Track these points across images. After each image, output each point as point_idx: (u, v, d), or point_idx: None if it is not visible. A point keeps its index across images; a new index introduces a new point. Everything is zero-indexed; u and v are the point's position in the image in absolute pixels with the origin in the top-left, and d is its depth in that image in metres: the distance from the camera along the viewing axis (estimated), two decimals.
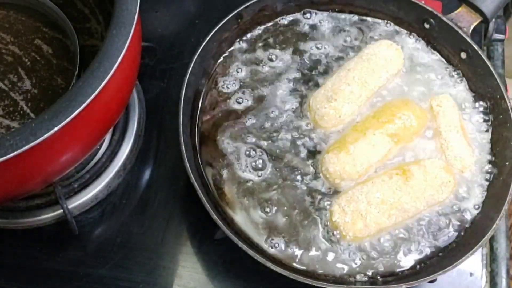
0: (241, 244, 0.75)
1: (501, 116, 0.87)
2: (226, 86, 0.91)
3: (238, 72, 0.92)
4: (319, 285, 0.74)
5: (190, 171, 0.78)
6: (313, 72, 0.92)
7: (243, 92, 0.90)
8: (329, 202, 0.82)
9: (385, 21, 0.97)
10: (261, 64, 0.93)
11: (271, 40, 0.95)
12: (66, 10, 0.87)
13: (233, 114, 0.89)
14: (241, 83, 0.91)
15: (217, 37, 0.90)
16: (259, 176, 0.84)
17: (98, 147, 0.87)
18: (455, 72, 0.93)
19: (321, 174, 0.84)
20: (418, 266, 0.80)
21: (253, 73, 0.92)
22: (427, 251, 0.81)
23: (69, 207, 0.83)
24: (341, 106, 0.87)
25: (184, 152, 0.79)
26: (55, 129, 0.60)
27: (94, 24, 0.89)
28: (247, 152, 0.86)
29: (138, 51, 0.77)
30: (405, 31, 0.96)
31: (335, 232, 0.81)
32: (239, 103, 0.90)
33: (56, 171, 0.73)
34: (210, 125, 0.88)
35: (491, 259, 0.90)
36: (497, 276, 0.89)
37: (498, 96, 0.88)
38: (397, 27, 0.96)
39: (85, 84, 0.63)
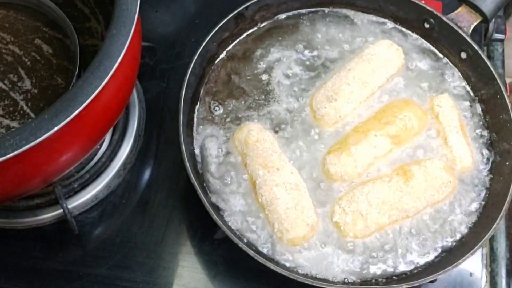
0: (241, 244, 0.75)
1: (501, 116, 0.87)
2: (226, 86, 0.91)
3: (237, 72, 0.92)
4: (319, 285, 0.74)
5: (190, 171, 0.78)
6: (313, 71, 0.92)
7: (243, 92, 0.90)
8: (326, 208, 0.83)
9: (385, 20, 0.97)
10: (261, 64, 0.93)
11: (271, 39, 0.95)
12: (66, 10, 0.87)
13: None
14: (241, 83, 0.91)
15: (217, 37, 0.90)
16: None
17: (98, 147, 0.87)
18: (455, 72, 0.93)
19: (322, 175, 0.84)
20: (418, 266, 0.80)
21: (253, 72, 0.92)
22: (427, 251, 0.81)
23: (69, 206, 0.83)
24: (341, 106, 0.87)
25: (184, 152, 0.79)
26: (55, 129, 0.60)
27: (94, 23, 0.89)
28: None
29: (138, 51, 0.77)
30: (405, 31, 0.96)
31: (335, 233, 0.81)
32: (239, 102, 0.90)
33: (56, 171, 0.73)
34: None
35: (491, 259, 0.90)
36: (497, 276, 0.89)
37: (498, 96, 0.88)
38: (397, 27, 0.96)
39: (85, 84, 0.63)
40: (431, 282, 0.77)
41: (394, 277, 0.79)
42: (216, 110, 0.89)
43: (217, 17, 0.90)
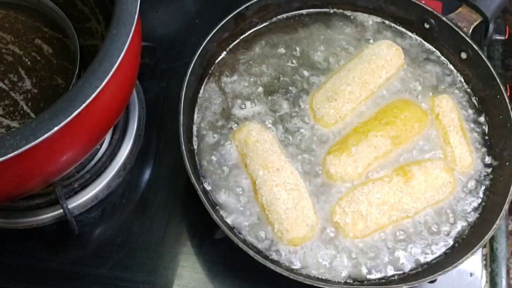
0: (241, 244, 0.75)
1: (501, 116, 0.87)
2: (226, 86, 0.91)
3: (238, 72, 0.92)
4: (319, 286, 0.74)
5: (190, 171, 0.78)
6: (312, 71, 0.92)
7: (243, 92, 0.90)
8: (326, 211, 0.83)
9: (385, 20, 0.97)
10: (260, 64, 0.93)
11: (271, 39, 0.95)
12: (66, 10, 0.87)
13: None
14: (241, 83, 0.91)
15: (217, 37, 0.90)
16: None
17: (98, 147, 0.88)
18: (455, 72, 0.94)
19: (322, 175, 0.84)
20: (418, 266, 0.80)
21: (253, 72, 0.92)
22: (427, 251, 0.81)
23: (69, 207, 0.83)
24: (341, 106, 0.87)
25: (184, 152, 0.79)
26: (55, 129, 0.60)
27: (94, 24, 0.89)
28: None
29: (138, 51, 0.77)
30: (405, 31, 0.96)
31: (335, 233, 0.81)
32: (239, 106, 0.90)
33: (56, 171, 0.73)
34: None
35: (491, 259, 0.90)
36: (497, 276, 0.89)
37: (498, 96, 0.88)
38: (397, 27, 0.96)
39: (85, 84, 0.63)
40: (431, 282, 0.77)
41: (394, 277, 0.79)
42: (216, 110, 0.89)
43: (217, 17, 0.90)
